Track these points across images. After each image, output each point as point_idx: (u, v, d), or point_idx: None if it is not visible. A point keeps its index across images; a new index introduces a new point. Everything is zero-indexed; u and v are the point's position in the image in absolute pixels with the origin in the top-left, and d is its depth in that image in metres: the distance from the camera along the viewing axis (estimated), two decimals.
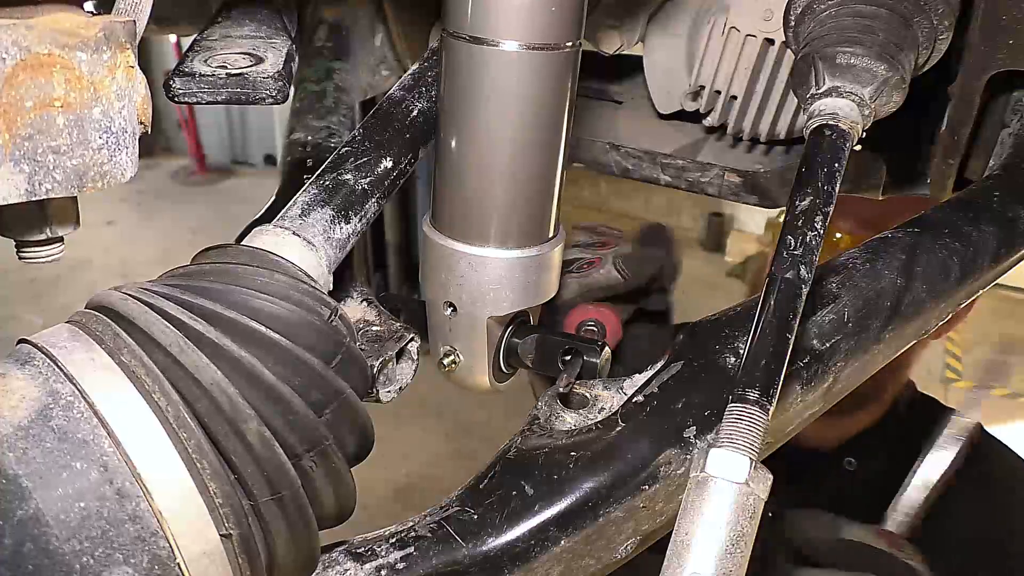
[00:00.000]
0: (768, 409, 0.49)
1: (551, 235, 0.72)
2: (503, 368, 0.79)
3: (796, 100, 0.78)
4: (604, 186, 6.99)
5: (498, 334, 0.76)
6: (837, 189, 0.59)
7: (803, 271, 0.54)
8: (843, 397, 0.70)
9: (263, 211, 0.81)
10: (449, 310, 0.73)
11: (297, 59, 1.01)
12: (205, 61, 0.70)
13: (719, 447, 0.47)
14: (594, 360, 0.75)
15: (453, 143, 0.67)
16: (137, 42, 0.47)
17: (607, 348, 0.76)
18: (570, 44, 0.63)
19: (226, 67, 0.69)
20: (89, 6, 0.47)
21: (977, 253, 0.72)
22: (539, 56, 0.62)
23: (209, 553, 0.43)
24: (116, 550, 0.41)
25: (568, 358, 0.76)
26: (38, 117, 0.42)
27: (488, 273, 0.70)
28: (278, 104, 0.70)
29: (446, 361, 0.77)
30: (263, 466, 0.44)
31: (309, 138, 0.92)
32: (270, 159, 8.03)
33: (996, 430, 1.62)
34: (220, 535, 0.44)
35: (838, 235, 1.40)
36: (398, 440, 4.23)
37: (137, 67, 0.47)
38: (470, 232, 0.69)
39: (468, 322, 0.73)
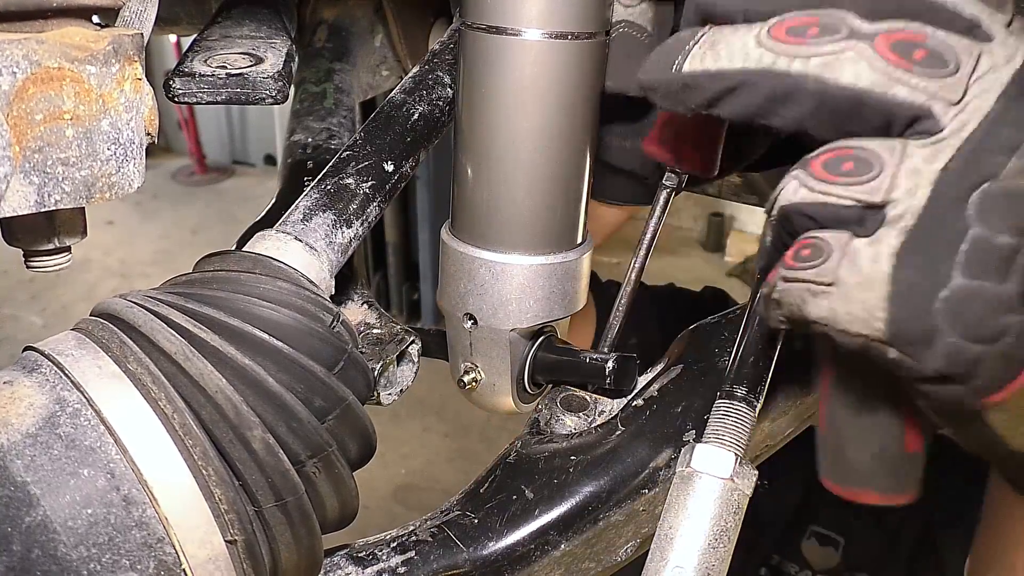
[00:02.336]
0: (755, 406, 0.49)
1: (579, 241, 0.68)
2: (527, 387, 0.72)
3: None
4: None
5: (522, 349, 0.70)
6: None
7: None
8: None
9: (263, 213, 0.81)
10: (469, 323, 0.68)
11: (297, 59, 1.01)
12: (205, 61, 0.70)
13: (705, 442, 0.48)
14: (607, 385, 0.66)
15: (472, 141, 0.63)
16: (144, 54, 0.48)
17: (623, 362, 0.66)
18: (596, 33, 0.59)
19: (226, 67, 0.68)
20: (97, 19, 0.47)
21: None
22: (564, 46, 0.58)
23: (214, 559, 0.44)
24: (123, 556, 0.41)
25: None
26: (48, 130, 0.42)
27: (510, 282, 0.65)
28: (278, 104, 0.69)
29: (466, 379, 0.71)
30: (267, 473, 0.45)
31: (309, 140, 0.92)
32: (270, 159, 8.01)
33: None
34: (225, 541, 0.44)
35: None
36: (398, 439, 4.23)
37: (145, 79, 0.47)
38: (491, 237, 0.65)
39: (490, 335, 0.68)
